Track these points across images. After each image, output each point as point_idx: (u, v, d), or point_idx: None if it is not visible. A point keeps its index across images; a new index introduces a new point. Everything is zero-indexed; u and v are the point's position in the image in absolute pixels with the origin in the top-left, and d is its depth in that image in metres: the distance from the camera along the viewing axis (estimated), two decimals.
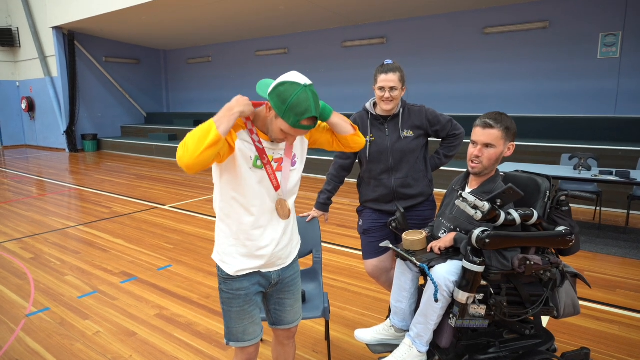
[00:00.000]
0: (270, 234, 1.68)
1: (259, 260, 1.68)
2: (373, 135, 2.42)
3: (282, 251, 1.74)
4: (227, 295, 1.70)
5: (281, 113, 1.43)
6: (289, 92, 1.42)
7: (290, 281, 1.82)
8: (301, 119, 1.42)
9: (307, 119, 1.44)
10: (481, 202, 1.71)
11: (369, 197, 2.52)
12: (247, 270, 1.68)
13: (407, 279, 2.12)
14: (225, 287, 1.70)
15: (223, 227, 1.69)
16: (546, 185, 1.95)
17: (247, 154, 1.57)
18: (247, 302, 1.69)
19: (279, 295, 1.81)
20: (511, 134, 1.96)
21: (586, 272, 3.75)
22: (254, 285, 1.71)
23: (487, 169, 1.98)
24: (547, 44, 8.27)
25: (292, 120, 1.42)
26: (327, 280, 3.66)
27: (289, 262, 1.80)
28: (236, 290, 1.68)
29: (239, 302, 1.69)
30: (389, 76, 2.29)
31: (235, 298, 1.68)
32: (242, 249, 1.66)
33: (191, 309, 3.20)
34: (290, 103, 1.41)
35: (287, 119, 1.43)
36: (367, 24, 10.56)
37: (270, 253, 1.68)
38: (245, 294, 1.69)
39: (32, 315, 3.14)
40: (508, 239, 1.76)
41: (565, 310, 1.99)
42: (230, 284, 1.68)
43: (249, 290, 1.69)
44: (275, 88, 1.45)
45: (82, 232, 5.20)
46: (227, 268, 1.68)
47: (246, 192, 1.60)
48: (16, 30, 14.19)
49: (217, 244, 1.74)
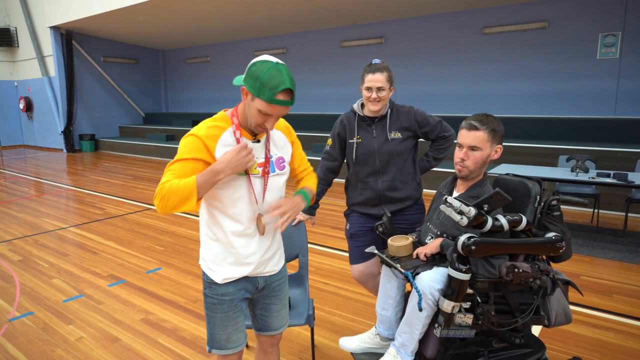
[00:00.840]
0: (257, 241, 1.62)
1: (247, 268, 1.63)
2: (360, 137, 2.35)
3: (271, 259, 1.70)
4: (212, 300, 1.64)
5: (256, 91, 1.39)
6: (261, 69, 1.39)
7: (277, 286, 1.76)
8: (276, 93, 1.38)
9: (282, 93, 1.39)
10: (467, 208, 1.64)
11: (356, 200, 2.45)
12: (234, 277, 1.63)
13: (392, 285, 2.05)
14: (210, 291, 1.64)
15: (209, 233, 1.64)
16: (537, 190, 1.88)
17: None
18: (231, 307, 1.64)
19: (265, 301, 1.76)
20: (498, 136, 1.89)
21: (582, 277, 3.68)
22: (240, 290, 1.65)
23: (473, 172, 1.91)
24: (546, 45, 8.20)
25: (267, 96, 1.38)
26: (317, 284, 3.59)
27: (277, 268, 1.75)
28: (221, 296, 1.63)
29: (224, 307, 1.63)
30: (376, 76, 2.22)
31: (220, 303, 1.63)
32: (229, 257, 1.61)
33: (177, 314, 3.13)
34: (263, 79, 1.37)
35: (262, 95, 1.38)
36: (366, 24, 10.49)
37: (258, 260, 1.63)
38: (230, 299, 1.63)
39: (14, 320, 3.08)
40: (495, 245, 1.69)
41: (557, 318, 1.92)
42: (215, 289, 1.63)
43: (234, 295, 1.64)
44: (248, 69, 1.43)
45: (74, 233, 5.13)
46: (214, 275, 1.63)
47: (230, 201, 1.55)
48: (14, 29, 14.17)
49: (202, 250, 1.68)
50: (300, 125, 11.22)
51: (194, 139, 1.45)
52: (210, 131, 1.48)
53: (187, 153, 1.44)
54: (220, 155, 1.45)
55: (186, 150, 1.45)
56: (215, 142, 1.47)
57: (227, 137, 1.50)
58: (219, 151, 1.47)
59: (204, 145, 1.45)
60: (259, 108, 1.41)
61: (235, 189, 1.54)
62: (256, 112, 1.43)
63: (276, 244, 1.72)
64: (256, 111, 1.43)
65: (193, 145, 1.45)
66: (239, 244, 1.59)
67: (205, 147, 1.45)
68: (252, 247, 1.61)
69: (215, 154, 1.46)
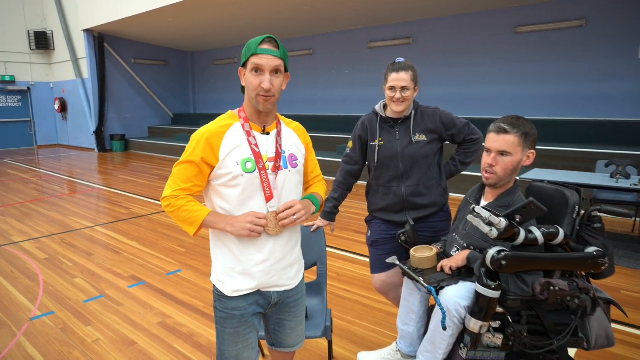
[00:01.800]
0: (267, 247, 1.52)
1: (255, 279, 1.52)
2: (382, 140, 2.23)
3: (286, 270, 1.58)
4: (222, 314, 1.56)
5: (244, 56, 1.44)
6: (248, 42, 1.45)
7: (293, 302, 1.65)
8: (258, 44, 1.41)
9: (265, 42, 1.42)
10: (497, 219, 1.50)
11: (378, 206, 2.33)
12: (245, 290, 1.53)
13: (415, 299, 1.92)
14: (220, 305, 1.56)
15: (216, 241, 1.56)
16: (575, 199, 1.71)
17: (234, 159, 1.45)
18: (242, 323, 1.55)
19: (279, 316, 1.66)
20: (530, 140, 1.73)
21: (623, 291, 3.43)
22: (252, 305, 1.56)
23: (502, 179, 1.76)
24: (583, 44, 7.82)
25: (252, 50, 1.41)
26: (338, 290, 3.48)
27: (293, 284, 1.62)
28: (231, 310, 1.54)
29: (233, 322, 1.54)
30: (400, 75, 2.10)
31: (230, 318, 1.54)
32: (238, 266, 1.51)
33: (195, 318, 3.08)
34: (248, 43, 1.44)
35: (249, 52, 1.42)
36: (393, 24, 10.30)
37: (269, 269, 1.53)
38: (240, 314, 1.54)
39: (35, 319, 3.09)
40: (528, 260, 1.54)
41: (597, 341, 1.74)
42: (225, 303, 1.54)
43: (245, 310, 1.54)
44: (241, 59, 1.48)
45: (99, 233, 5.19)
46: (223, 287, 1.54)
47: (239, 201, 1.47)
48: (51, 33, 14.64)
49: (213, 262, 1.60)
50: (325, 127, 11.13)
51: (198, 138, 1.47)
52: (216, 129, 1.47)
53: (191, 154, 1.46)
54: (225, 154, 1.45)
55: (190, 151, 1.47)
56: (220, 139, 1.46)
57: (234, 132, 1.48)
58: (224, 147, 1.45)
59: (208, 144, 1.45)
60: (250, 68, 1.42)
61: (244, 187, 1.46)
62: (250, 76, 1.43)
63: (294, 255, 1.61)
64: (250, 75, 1.43)
65: (198, 143, 1.46)
66: (248, 250, 1.50)
67: (209, 146, 1.45)
68: (263, 253, 1.51)
69: (220, 152, 1.45)
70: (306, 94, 12.02)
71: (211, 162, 1.45)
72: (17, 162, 11.71)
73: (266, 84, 1.40)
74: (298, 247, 1.64)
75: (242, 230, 1.42)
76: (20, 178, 9.15)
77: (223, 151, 1.44)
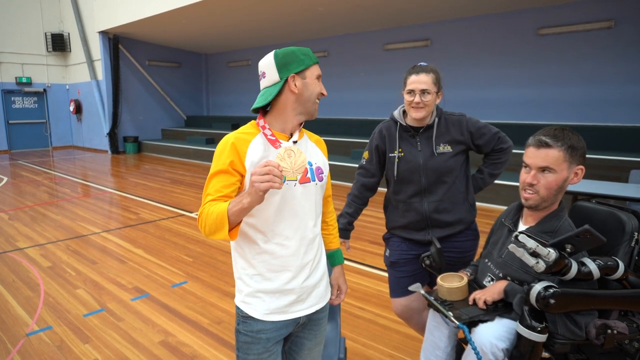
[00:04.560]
0: (298, 263, 1.39)
1: (289, 296, 1.39)
2: (402, 150, 2.00)
3: (315, 288, 1.45)
4: (245, 338, 1.40)
5: (302, 64, 1.39)
6: (285, 51, 1.40)
7: (317, 320, 1.52)
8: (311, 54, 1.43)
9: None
10: (545, 249, 1.26)
11: (397, 223, 2.10)
12: (277, 314, 1.39)
13: (442, 334, 1.68)
14: (244, 328, 1.40)
15: (240, 260, 1.42)
16: (634, 224, 1.46)
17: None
18: (267, 349, 1.40)
19: (298, 334, 1.51)
20: (578, 154, 1.49)
21: None
22: (280, 329, 1.41)
23: (545, 201, 1.51)
24: (611, 46, 7.46)
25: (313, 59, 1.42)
26: (351, 308, 3.25)
27: (324, 302, 1.51)
28: (257, 332, 1.39)
29: (258, 348, 1.39)
30: (420, 77, 1.88)
31: (255, 343, 1.39)
32: (266, 284, 1.38)
33: (199, 337, 2.88)
34: (297, 52, 1.40)
35: (309, 61, 1.41)
36: (410, 26, 10.04)
37: (300, 286, 1.40)
38: (266, 337, 1.39)
39: (32, 335, 2.93)
40: (582, 298, 1.30)
41: None
42: (251, 325, 1.39)
43: (272, 334, 1.40)
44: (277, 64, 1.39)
45: (105, 239, 5.04)
46: (249, 309, 1.39)
47: (265, 215, 1.35)
48: (67, 35, 14.71)
49: (238, 285, 1.45)
50: (339, 130, 10.91)
51: (224, 145, 1.38)
52: (241, 136, 1.40)
53: (218, 163, 1.36)
54: (251, 163, 1.34)
55: (217, 160, 1.37)
56: (246, 146, 1.37)
57: (257, 142, 1.39)
58: (250, 155, 1.36)
59: (234, 149, 1.36)
60: (316, 75, 1.41)
61: (271, 202, 1.33)
62: (314, 82, 1.41)
63: (320, 270, 1.48)
64: (313, 81, 1.41)
65: (223, 150, 1.37)
66: (275, 267, 1.38)
67: (235, 151, 1.36)
68: (291, 269, 1.39)
69: (245, 159, 1.35)
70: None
71: (239, 169, 1.35)
72: (31, 163, 11.73)
73: (325, 91, 1.45)
74: (323, 259, 1.53)
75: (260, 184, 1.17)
76: (32, 180, 9.12)
77: (249, 159, 1.35)
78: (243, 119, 13.16)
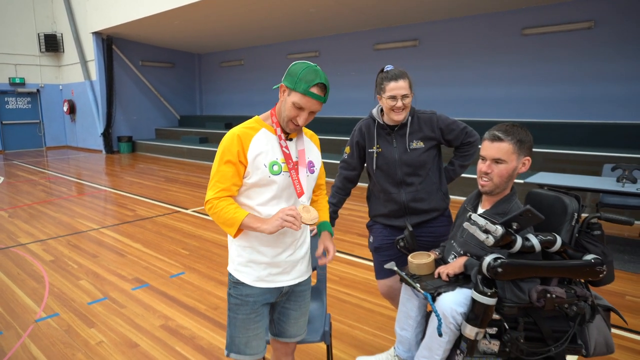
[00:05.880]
0: (286, 239, 1.64)
1: (276, 268, 1.64)
2: (380, 147, 2.23)
3: (299, 263, 1.69)
4: (235, 300, 1.66)
5: (293, 85, 1.49)
6: (300, 67, 1.50)
7: (300, 292, 1.75)
8: (311, 86, 1.47)
9: (316, 87, 1.48)
10: (493, 226, 1.50)
11: (379, 211, 2.34)
12: (264, 282, 1.64)
13: (413, 305, 1.92)
14: (235, 292, 1.66)
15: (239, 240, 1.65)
16: (574, 206, 1.70)
17: (262, 161, 1.55)
18: (254, 310, 1.65)
19: (285, 305, 1.75)
20: (525, 147, 1.73)
21: (628, 297, 3.40)
22: (265, 294, 1.66)
23: (498, 187, 1.75)
24: (592, 46, 7.75)
25: (302, 88, 1.47)
26: (339, 294, 3.48)
27: (304, 278, 1.74)
28: (245, 297, 1.64)
29: (246, 309, 1.64)
30: (399, 83, 2.10)
31: (243, 304, 1.64)
32: (257, 256, 1.62)
33: (197, 321, 3.10)
34: (300, 74, 1.48)
35: (298, 87, 1.47)
36: (400, 26, 10.29)
37: (285, 260, 1.64)
38: (253, 301, 1.64)
39: (40, 321, 3.13)
40: (525, 268, 1.54)
41: (596, 348, 1.73)
42: (240, 289, 1.65)
43: (258, 298, 1.65)
44: (288, 70, 1.53)
45: (104, 235, 5.24)
46: (242, 276, 1.65)
47: (262, 201, 1.59)
48: (60, 35, 14.80)
49: (231, 254, 1.70)
50: (331, 129, 11.14)
51: (230, 137, 1.56)
52: (245, 130, 1.57)
53: (227, 153, 1.54)
54: (254, 155, 1.54)
55: (225, 151, 1.54)
56: (249, 140, 1.55)
57: (262, 136, 1.57)
58: (252, 148, 1.54)
59: (240, 141, 1.54)
60: (294, 101, 1.50)
61: (275, 188, 1.57)
62: (291, 106, 1.51)
63: (304, 248, 1.72)
64: (291, 105, 1.51)
65: (231, 142, 1.54)
66: (267, 243, 1.61)
67: (240, 143, 1.54)
68: (280, 245, 1.63)
69: (248, 152, 1.54)
70: None
71: (243, 161, 1.54)
72: (26, 163, 11.85)
73: (301, 121, 1.53)
74: (308, 242, 1.75)
75: (275, 221, 1.48)
76: (29, 180, 9.26)
77: (251, 152, 1.54)
78: (236, 118, 13.35)
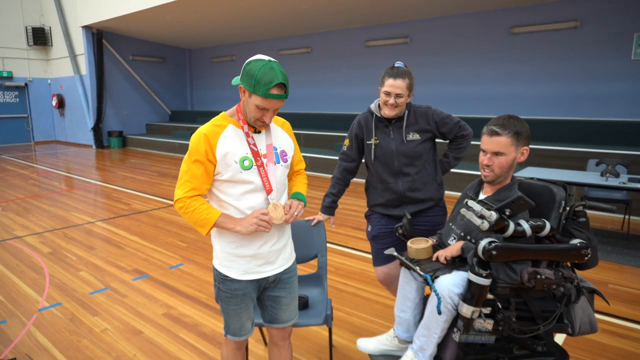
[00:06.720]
0: (266, 233, 1.69)
1: (260, 259, 1.71)
2: (378, 138, 2.34)
3: (281, 251, 1.77)
4: (225, 294, 1.74)
5: (251, 88, 1.50)
6: (255, 67, 1.49)
7: (287, 279, 1.83)
8: (270, 88, 1.48)
9: (275, 87, 1.49)
10: (488, 212, 1.62)
11: (377, 201, 2.45)
12: (250, 274, 1.71)
13: (411, 288, 2.03)
14: (224, 286, 1.74)
15: (220, 231, 1.71)
16: (561, 195, 1.83)
17: (232, 158, 1.60)
18: (244, 300, 1.75)
19: (274, 293, 1.83)
20: (523, 137, 1.85)
21: (611, 285, 3.57)
22: (252, 283, 1.75)
23: (500, 176, 1.87)
24: (578, 45, 7.96)
25: (262, 91, 1.48)
26: (337, 284, 3.59)
27: (288, 265, 1.82)
28: (234, 290, 1.72)
29: (237, 300, 1.74)
30: (397, 82, 2.21)
31: (234, 297, 1.73)
32: (241, 250, 1.69)
33: (198, 309, 3.18)
34: (257, 76, 1.48)
35: (258, 91, 1.48)
36: (391, 24, 10.41)
37: (268, 250, 1.71)
38: (242, 293, 1.73)
39: (44, 310, 3.19)
40: (517, 251, 1.66)
41: (581, 327, 1.87)
42: (229, 284, 1.73)
43: (247, 289, 1.73)
44: (243, 69, 1.53)
45: (101, 228, 5.28)
46: (228, 271, 1.71)
47: (237, 195, 1.64)
48: (49, 29, 14.64)
49: (215, 249, 1.76)
50: (322, 124, 11.23)
51: (198, 137, 1.60)
52: (212, 128, 1.61)
53: (195, 153, 1.58)
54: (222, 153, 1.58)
55: (194, 150, 1.59)
56: (216, 138, 1.60)
57: (229, 133, 1.62)
58: (220, 146, 1.59)
59: (207, 140, 1.58)
60: (256, 104, 1.52)
61: (245, 184, 1.62)
62: (254, 108, 1.54)
63: (285, 236, 1.79)
64: (254, 107, 1.54)
65: (199, 142, 1.58)
66: (252, 236, 1.67)
67: (208, 142, 1.58)
68: (262, 237, 1.69)
69: (216, 150, 1.58)
70: (304, 92, 12.10)
71: (212, 159, 1.58)
72: (15, 158, 11.74)
73: (268, 120, 1.57)
74: (288, 228, 1.82)
75: (250, 226, 1.57)
76: (19, 174, 9.20)
77: (219, 150, 1.58)
78: None
